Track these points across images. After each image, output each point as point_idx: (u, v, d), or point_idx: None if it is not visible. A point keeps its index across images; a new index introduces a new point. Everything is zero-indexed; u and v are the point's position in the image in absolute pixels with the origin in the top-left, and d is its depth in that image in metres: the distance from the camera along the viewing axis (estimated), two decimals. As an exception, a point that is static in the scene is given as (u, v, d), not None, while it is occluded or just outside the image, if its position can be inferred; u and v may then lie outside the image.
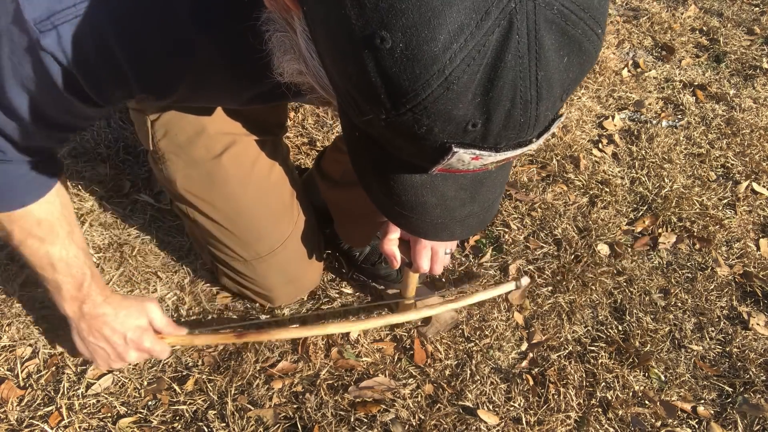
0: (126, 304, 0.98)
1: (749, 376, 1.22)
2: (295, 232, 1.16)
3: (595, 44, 0.46)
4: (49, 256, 0.90)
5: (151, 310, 1.01)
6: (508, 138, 0.47)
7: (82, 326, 0.97)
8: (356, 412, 1.11)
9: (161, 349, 1.02)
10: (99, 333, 0.97)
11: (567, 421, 1.13)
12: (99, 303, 0.95)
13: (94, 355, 1.00)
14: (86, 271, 0.93)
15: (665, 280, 1.40)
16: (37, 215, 0.86)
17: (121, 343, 0.98)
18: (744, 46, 2.19)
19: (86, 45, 0.64)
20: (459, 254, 1.42)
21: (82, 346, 1.00)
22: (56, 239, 0.89)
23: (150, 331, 1.01)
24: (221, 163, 1.03)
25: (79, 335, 0.98)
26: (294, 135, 1.69)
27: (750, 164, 1.70)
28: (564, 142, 1.73)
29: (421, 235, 0.63)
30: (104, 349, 0.98)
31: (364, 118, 0.49)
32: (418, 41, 0.41)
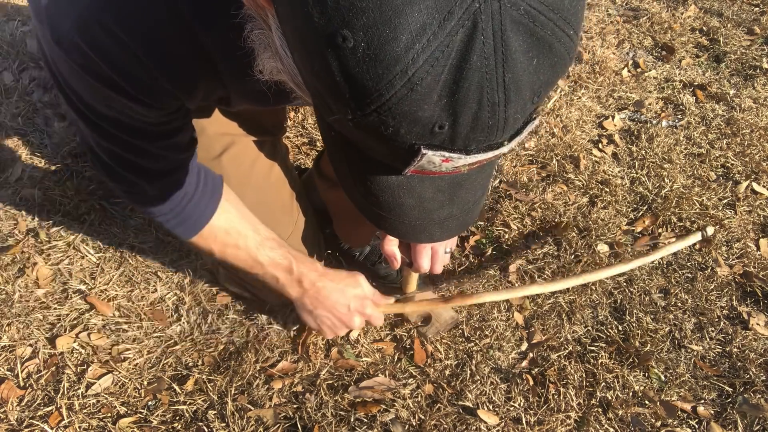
0: (341, 277, 1.05)
1: (749, 376, 1.22)
2: (295, 232, 1.16)
3: (567, 45, 0.44)
4: (251, 257, 0.97)
5: (363, 281, 1.07)
6: (478, 140, 0.46)
7: (306, 302, 1.03)
8: (356, 412, 1.11)
9: (379, 315, 1.08)
10: (323, 305, 1.03)
11: (567, 421, 1.13)
12: (316, 278, 1.01)
13: (321, 326, 1.06)
14: (288, 256, 1.00)
15: (665, 280, 1.40)
16: (221, 226, 0.92)
17: (345, 311, 1.04)
18: (744, 46, 2.19)
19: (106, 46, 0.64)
20: (459, 254, 1.42)
21: (310, 319, 1.05)
22: (248, 240, 0.96)
23: (368, 298, 1.06)
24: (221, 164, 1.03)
25: (305, 309, 1.04)
26: (294, 135, 1.69)
27: (750, 164, 1.70)
28: (564, 142, 1.73)
29: (400, 236, 0.63)
30: (330, 318, 1.04)
31: (333, 117, 0.49)
32: (379, 41, 0.40)
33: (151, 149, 0.79)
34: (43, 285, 1.29)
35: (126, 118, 0.73)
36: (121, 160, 0.79)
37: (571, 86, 1.96)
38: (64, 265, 1.32)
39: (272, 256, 0.98)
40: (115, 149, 0.78)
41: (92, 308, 1.25)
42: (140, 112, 0.72)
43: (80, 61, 0.64)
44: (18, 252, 1.34)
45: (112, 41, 0.63)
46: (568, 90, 1.94)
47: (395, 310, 1.14)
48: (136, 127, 0.74)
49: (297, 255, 1.01)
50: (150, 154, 0.79)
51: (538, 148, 1.71)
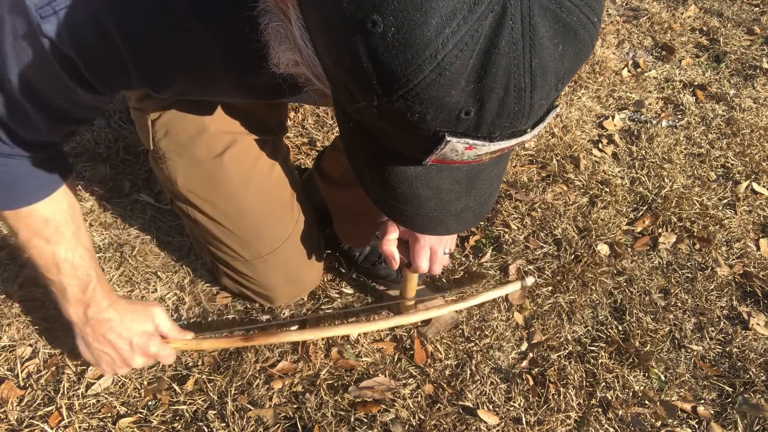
0: (131, 309, 0.97)
1: (749, 376, 1.22)
2: (295, 231, 1.16)
3: (591, 33, 0.45)
4: (54, 257, 0.89)
5: (157, 314, 1.00)
6: (502, 127, 0.46)
7: (87, 331, 0.95)
8: (356, 412, 1.11)
9: (167, 354, 1.02)
10: (104, 338, 0.95)
11: (567, 421, 1.13)
12: (104, 307, 0.94)
13: (99, 361, 0.99)
14: (91, 273, 0.92)
15: (665, 280, 1.40)
16: (43, 214, 0.85)
17: (127, 348, 0.97)
18: (744, 46, 2.19)
19: (86, 30, 0.64)
20: (459, 254, 1.42)
21: (87, 352, 0.98)
22: (62, 240, 0.88)
23: (156, 336, 1.00)
24: (222, 162, 1.03)
25: (84, 340, 0.97)
26: (294, 135, 1.69)
27: (750, 164, 1.70)
28: (564, 142, 1.73)
29: (416, 229, 0.63)
30: (109, 354, 0.97)
31: (357, 106, 0.49)
32: (409, 25, 0.40)
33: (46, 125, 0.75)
34: (43, 285, 1.28)
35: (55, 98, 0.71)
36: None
37: (571, 86, 1.96)
38: (64, 265, 1.32)
39: (75, 265, 0.90)
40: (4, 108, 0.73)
41: (92, 308, 1.25)
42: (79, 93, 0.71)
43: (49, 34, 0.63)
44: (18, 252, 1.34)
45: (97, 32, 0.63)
46: (568, 90, 1.94)
47: (191, 347, 1.08)
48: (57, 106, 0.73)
49: (101, 276, 0.94)
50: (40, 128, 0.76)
51: (538, 148, 1.71)
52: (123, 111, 1.69)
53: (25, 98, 0.71)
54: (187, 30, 0.67)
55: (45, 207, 0.85)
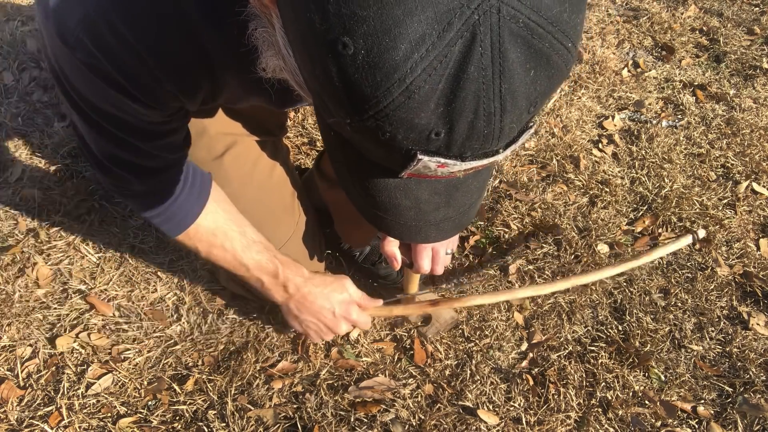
0: (327, 281, 1.03)
1: (749, 376, 1.22)
2: (296, 232, 1.16)
3: (565, 58, 0.45)
4: (236, 260, 0.96)
5: (349, 285, 1.05)
6: (473, 148, 0.47)
7: (291, 306, 1.02)
8: (356, 412, 1.11)
9: (365, 320, 1.07)
10: (309, 310, 1.02)
11: (567, 421, 1.13)
12: (301, 284, 1.00)
13: (308, 331, 1.05)
14: (275, 260, 0.99)
15: (665, 280, 1.40)
16: (208, 227, 0.92)
17: (331, 317, 1.03)
18: (744, 46, 2.19)
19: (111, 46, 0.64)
20: (459, 254, 1.42)
21: (296, 324, 1.05)
22: (234, 242, 0.95)
23: (354, 303, 1.05)
24: (222, 164, 1.03)
25: (291, 314, 1.04)
26: (294, 135, 1.69)
27: (750, 164, 1.70)
28: (564, 142, 1.73)
29: (396, 236, 0.64)
30: (316, 323, 1.03)
31: (333, 120, 0.49)
32: (379, 49, 0.41)
33: (145, 148, 0.79)
34: (43, 285, 1.29)
35: (125, 117, 0.73)
36: (113, 157, 0.79)
37: (571, 86, 1.96)
38: (64, 265, 1.32)
39: (258, 260, 0.97)
40: (109, 146, 0.78)
41: (92, 308, 1.25)
42: (140, 112, 0.72)
43: (84, 59, 0.64)
44: (18, 252, 1.34)
45: (117, 41, 0.63)
46: (568, 90, 1.94)
47: (383, 313, 1.13)
48: (134, 125, 0.74)
49: (283, 259, 1.00)
50: (143, 153, 0.79)
51: (538, 148, 1.71)
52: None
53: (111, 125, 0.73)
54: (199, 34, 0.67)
55: (205, 220, 0.91)
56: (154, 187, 0.85)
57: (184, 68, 0.70)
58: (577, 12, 0.45)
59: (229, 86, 0.77)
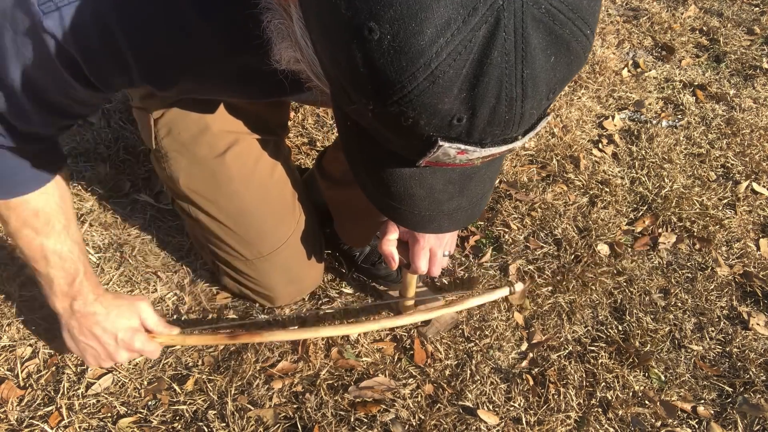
0: (117, 304, 0.97)
1: (749, 376, 1.22)
2: (297, 231, 1.16)
3: (584, 45, 0.46)
4: (43, 249, 0.89)
5: (143, 309, 1.00)
6: (494, 134, 0.47)
7: (73, 324, 0.96)
8: (356, 412, 1.11)
9: (152, 349, 1.02)
10: (89, 332, 0.96)
11: (567, 421, 1.13)
12: (90, 301, 0.94)
13: (84, 354, 1.00)
14: (79, 267, 0.93)
15: (665, 280, 1.40)
16: (34, 205, 0.86)
17: (112, 343, 0.97)
18: (744, 46, 2.19)
19: (89, 28, 0.64)
20: (459, 254, 1.42)
21: (72, 344, 0.99)
22: (52, 231, 0.88)
23: (141, 331, 1.00)
24: (224, 162, 1.03)
25: (69, 333, 0.98)
26: (294, 135, 1.69)
27: (750, 164, 1.70)
28: (564, 142, 1.73)
29: (409, 226, 0.64)
30: (94, 348, 0.98)
31: (353, 107, 0.50)
32: (405, 34, 0.41)
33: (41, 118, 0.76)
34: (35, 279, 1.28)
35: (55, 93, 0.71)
36: None
37: (571, 86, 1.96)
38: (64, 265, 1.32)
39: (63, 258, 0.90)
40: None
41: (92, 308, 1.25)
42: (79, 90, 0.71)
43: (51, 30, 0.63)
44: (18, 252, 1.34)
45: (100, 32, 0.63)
46: (568, 90, 1.94)
47: (177, 342, 1.08)
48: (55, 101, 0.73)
49: (89, 273, 0.94)
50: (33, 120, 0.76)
51: (538, 148, 1.71)
52: (123, 111, 1.69)
53: (23, 92, 0.71)
54: (191, 29, 0.67)
55: (36, 198, 0.85)
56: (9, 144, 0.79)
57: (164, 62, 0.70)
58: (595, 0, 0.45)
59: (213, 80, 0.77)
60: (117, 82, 0.73)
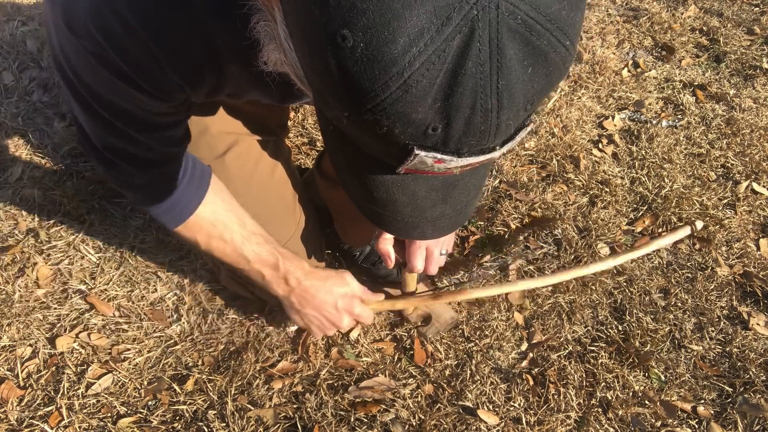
0: (328, 275, 1.02)
1: (749, 376, 1.22)
2: (297, 231, 1.16)
3: (563, 55, 0.45)
4: (236, 251, 0.95)
5: (350, 279, 1.04)
6: (470, 144, 0.47)
7: (293, 300, 1.00)
8: (356, 412, 1.11)
9: (368, 314, 1.06)
10: (311, 304, 1.01)
11: (567, 421, 1.13)
12: (302, 277, 0.99)
13: (310, 325, 1.04)
14: (275, 252, 0.97)
15: (665, 280, 1.40)
16: (207, 218, 0.91)
17: (333, 311, 1.01)
18: (744, 46, 2.19)
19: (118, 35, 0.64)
20: (459, 254, 1.42)
21: (298, 318, 1.03)
22: (234, 234, 0.94)
23: (357, 297, 1.04)
24: (224, 163, 1.03)
25: (293, 308, 1.02)
26: (294, 135, 1.69)
27: (750, 164, 1.70)
28: (564, 142, 1.73)
29: (393, 232, 0.64)
30: (318, 317, 1.02)
31: (332, 114, 0.49)
32: (378, 42, 0.41)
33: (144, 140, 0.78)
34: (43, 285, 1.29)
35: (128, 107, 0.73)
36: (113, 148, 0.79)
37: (571, 86, 1.96)
38: (64, 265, 1.32)
39: (258, 252, 0.96)
40: (110, 136, 0.77)
41: (92, 308, 1.26)
42: (145, 102, 0.72)
43: (91, 48, 0.64)
44: (18, 252, 1.34)
45: (124, 30, 0.63)
46: (568, 90, 1.94)
47: (386, 307, 1.12)
48: (136, 116, 0.74)
49: (284, 252, 0.99)
50: (143, 145, 0.79)
51: (538, 148, 1.71)
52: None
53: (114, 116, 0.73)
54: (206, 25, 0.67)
55: (204, 211, 0.90)
56: (153, 179, 0.85)
57: (189, 59, 0.70)
58: (575, 10, 0.45)
59: (234, 79, 0.77)
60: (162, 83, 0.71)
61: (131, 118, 0.74)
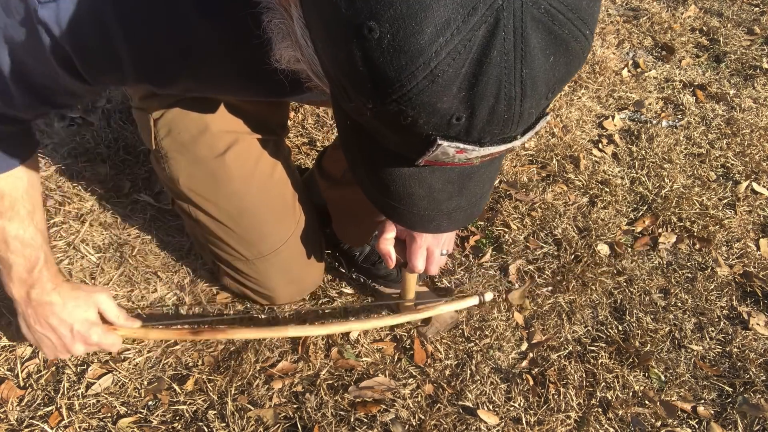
0: (75, 295, 0.95)
1: (749, 376, 1.22)
2: (297, 231, 1.16)
3: (583, 45, 0.46)
4: (4, 232, 0.87)
5: (102, 301, 0.98)
6: (492, 133, 0.48)
7: (29, 312, 0.94)
8: (356, 412, 1.11)
9: (111, 342, 1.00)
10: (45, 322, 0.94)
11: (567, 421, 1.13)
12: (48, 290, 0.92)
13: (40, 344, 0.98)
14: (40, 255, 0.91)
15: (665, 280, 1.40)
16: (0, 187, 0.85)
17: (68, 334, 0.95)
18: (744, 46, 2.19)
19: (84, 22, 0.64)
20: (459, 254, 1.42)
21: (28, 333, 0.97)
22: (15, 216, 0.87)
23: (98, 324, 0.98)
24: (224, 162, 1.03)
25: (25, 321, 0.96)
26: (294, 135, 1.69)
27: (750, 164, 1.70)
28: (564, 142, 1.73)
29: (409, 226, 0.64)
30: (50, 338, 0.96)
31: (352, 105, 0.50)
32: (405, 33, 0.41)
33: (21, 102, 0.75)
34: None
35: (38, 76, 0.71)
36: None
37: (571, 86, 1.96)
38: (64, 265, 1.32)
39: (25, 245, 0.88)
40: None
41: (92, 308, 1.25)
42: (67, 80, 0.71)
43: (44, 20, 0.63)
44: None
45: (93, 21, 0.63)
46: (568, 90, 1.94)
47: (139, 335, 1.07)
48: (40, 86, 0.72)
49: (50, 259, 0.92)
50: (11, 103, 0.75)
51: (538, 148, 1.71)
52: (123, 111, 1.69)
53: (10, 73, 0.70)
54: (191, 27, 0.67)
55: (4, 181, 0.84)
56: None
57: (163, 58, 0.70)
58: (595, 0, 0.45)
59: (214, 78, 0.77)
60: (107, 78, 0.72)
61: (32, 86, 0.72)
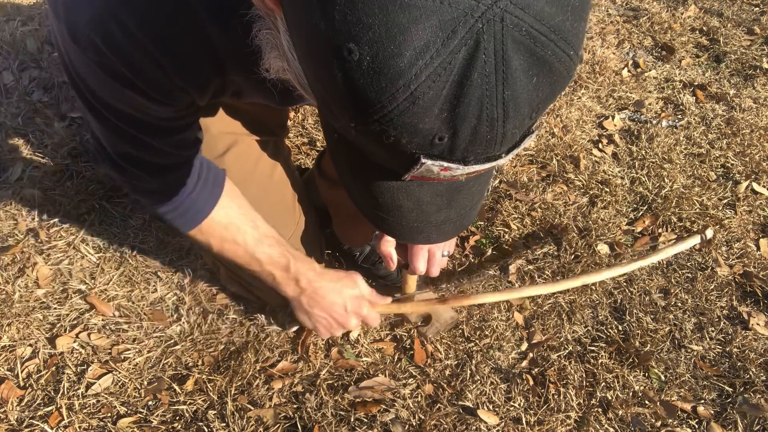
0: (338, 276, 1.04)
1: (749, 376, 1.22)
2: (297, 232, 1.16)
3: (567, 65, 0.46)
4: (248, 254, 0.96)
5: (360, 281, 1.06)
6: (476, 153, 0.48)
7: (302, 301, 1.02)
8: (356, 412, 1.11)
9: (375, 316, 1.08)
10: (320, 305, 1.02)
11: (567, 421, 1.13)
12: (313, 278, 1.01)
13: (317, 326, 1.05)
14: (286, 254, 0.99)
15: (665, 280, 1.40)
16: (220, 221, 0.93)
17: (342, 312, 1.03)
18: (744, 46, 2.19)
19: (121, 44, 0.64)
20: (459, 254, 1.42)
21: (306, 319, 1.05)
22: (247, 236, 0.95)
23: (365, 299, 1.05)
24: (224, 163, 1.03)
25: (301, 309, 1.03)
26: (294, 135, 1.69)
27: (750, 164, 1.70)
28: (564, 142, 1.73)
29: (398, 237, 0.64)
30: (326, 318, 1.03)
31: (337, 123, 0.50)
32: (384, 55, 0.41)
33: (158, 145, 0.79)
34: (43, 285, 1.29)
35: (138, 114, 0.73)
36: (126, 155, 0.80)
37: (571, 86, 1.96)
38: (64, 265, 1.32)
39: (270, 254, 0.98)
40: (122, 144, 0.78)
41: (92, 308, 1.26)
42: (153, 109, 0.72)
43: (95, 58, 0.65)
44: (18, 252, 1.34)
45: (127, 39, 0.63)
46: (568, 90, 1.94)
47: (392, 310, 1.13)
48: (146, 123, 0.75)
49: (295, 254, 1.01)
50: (156, 150, 0.80)
51: (538, 148, 1.71)
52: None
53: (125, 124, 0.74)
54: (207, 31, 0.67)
55: (218, 215, 0.92)
56: (167, 183, 0.86)
57: (193, 63, 0.70)
58: (579, 20, 0.45)
59: (236, 82, 0.77)
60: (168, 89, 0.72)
61: (142, 125, 0.75)
